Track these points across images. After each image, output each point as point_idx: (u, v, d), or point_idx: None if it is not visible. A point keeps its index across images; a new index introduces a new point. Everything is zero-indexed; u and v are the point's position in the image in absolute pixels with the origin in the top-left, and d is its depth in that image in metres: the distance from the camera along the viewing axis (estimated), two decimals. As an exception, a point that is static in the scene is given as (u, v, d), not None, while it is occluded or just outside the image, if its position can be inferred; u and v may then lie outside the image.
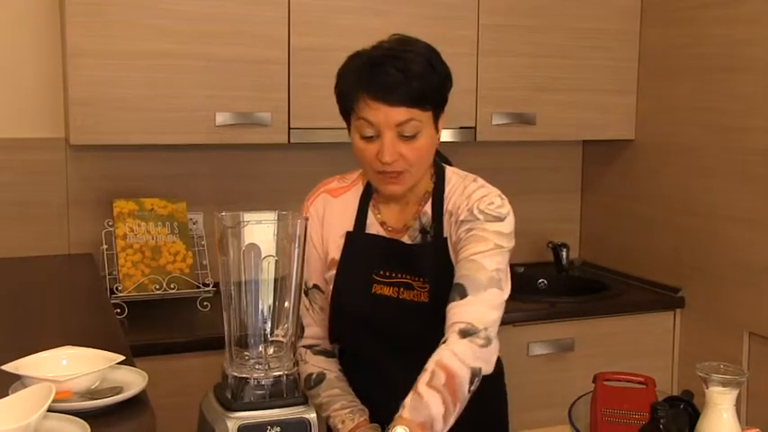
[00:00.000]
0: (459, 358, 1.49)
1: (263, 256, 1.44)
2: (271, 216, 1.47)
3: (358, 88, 1.62)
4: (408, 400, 1.44)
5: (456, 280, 1.62)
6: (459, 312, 1.55)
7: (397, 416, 1.42)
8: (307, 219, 1.54)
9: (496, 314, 1.58)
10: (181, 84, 2.50)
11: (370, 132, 1.63)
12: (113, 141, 2.51)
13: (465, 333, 1.52)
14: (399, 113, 1.60)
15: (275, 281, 1.46)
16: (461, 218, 1.68)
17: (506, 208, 1.69)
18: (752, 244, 2.63)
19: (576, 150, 3.44)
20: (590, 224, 3.43)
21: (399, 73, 1.59)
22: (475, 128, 2.84)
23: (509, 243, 1.66)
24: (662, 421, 1.50)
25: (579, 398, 1.80)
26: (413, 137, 1.63)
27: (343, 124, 2.80)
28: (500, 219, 1.66)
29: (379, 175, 1.67)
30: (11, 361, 1.41)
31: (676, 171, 2.93)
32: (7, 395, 1.31)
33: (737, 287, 2.69)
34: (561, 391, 2.08)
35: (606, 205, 3.32)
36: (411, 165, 1.65)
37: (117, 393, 1.39)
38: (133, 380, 1.46)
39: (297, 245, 1.46)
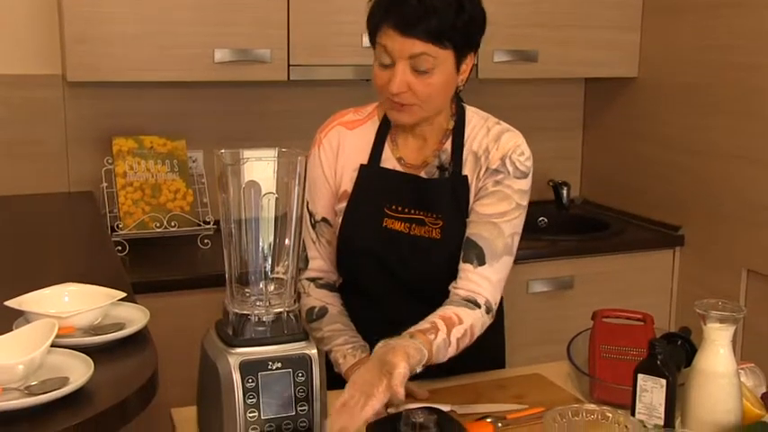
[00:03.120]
0: (478, 328, 1.67)
1: (263, 193, 1.44)
2: (271, 153, 1.46)
3: (381, 15, 1.63)
4: (440, 339, 1.57)
5: (473, 237, 1.69)
6: (476, 282, 1.68)
7: (421, 337, 1.54)
8: (307, 156, 1.54)
9: (503, 285, 1.74)
10: (179, 20, 2.47)
11: (386, 60, 1.63)
12: (111, 78, 2.49)
13: (488, 310, 1.69)
14: (414, 46, 1.59)
15: (275, 218, 1.46)
16: (494, 166, 1.71)
17: (531, 160, 1.73)
18: (753, 182, 2.63)
19: (579, 88, 3.41)
20: (591, 162, 3.42)
21: (420, 6, 1.58)
22: (476, 65, 2.81)
23: (527, 201, 1.74)
24: (659, 357, 1.51)
25: (578, 335, 1.81)
26: (426, 72, 1.62)
27: (344, 61, 2.78)
28: (525, 175, 1.72)
29: (389, 101, 1.67)
30: (13, 297, 1.42)
31: (679, 109, 2.91)
32: (11, 330, 1.33)
33: (737, 225, 2.70)
34: (560, 329, 2.10)
35: (608, 144, 3.30)
36: (421, 100, 1.64)
37: (119, 330, 1.41)
38: (135, 316, 1.47)
39: (297, 182, 1.45)
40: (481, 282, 1.69)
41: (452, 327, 1.61)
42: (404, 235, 1.74)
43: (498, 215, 1.70)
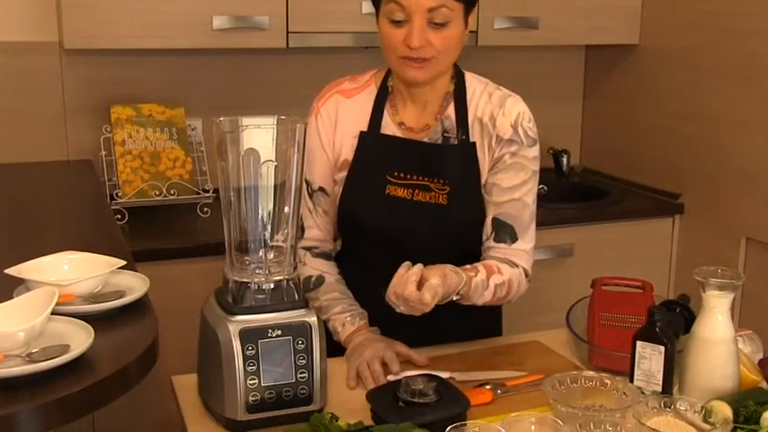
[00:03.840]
0: (516, 284, 1.73)
1: (262, 161, 1.43)
2: (270, 121, 1.46)
3: None
4: (480, 279, 1.64)
5: (501, 217, 1.74)
6: (514, 256, 1.74)
7: (462, 271, 1.61)
8: (306, 123, 1.53)
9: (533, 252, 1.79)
10: (176, -14, 2.45)
11: (400, 16, 1.62)
12: (108, 46, 2.47)
13: (526, 275, 1.76)
14: None
15: (275, 186, 1.46)
16: (506, 136, 1.72)
17: (535, 125, 1.75)
18: (754, 149, 2.62)
19: (579, 55, 3.39)
20: (591, 130, 3.41)
21: None
22: (476, 32, 2.80)
23: (539, 165, 1.77)
24: (658, 324, 1.52)
25: (577, 302, 1.82)
26: (443, 25, 1.62)
27: (343, 29, 2.76)
28: (536, 141, 1.75)
29: (402, 60, 1.65)
30: (13, 265, 1.42)
31: (680, 76, 2.89)
32: (11, 298, 1.33)
33: (737, 193, 2.70)
34: (560, 296, 2.10)
35: (608, 111, 3.29)
36: (438, 53, 1.64)
37: (119, 297, 1.41)
38: (135, 284, 1.48)
39: (296, 150, 1.45)
40: (517, 254, 1.75)
41: (492, 273, 1.68)
42: (406, 201, 1.73)
43: (518, 186, 1.73)
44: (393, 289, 1.52)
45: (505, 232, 1.74)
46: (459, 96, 1.75)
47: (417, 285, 1.51)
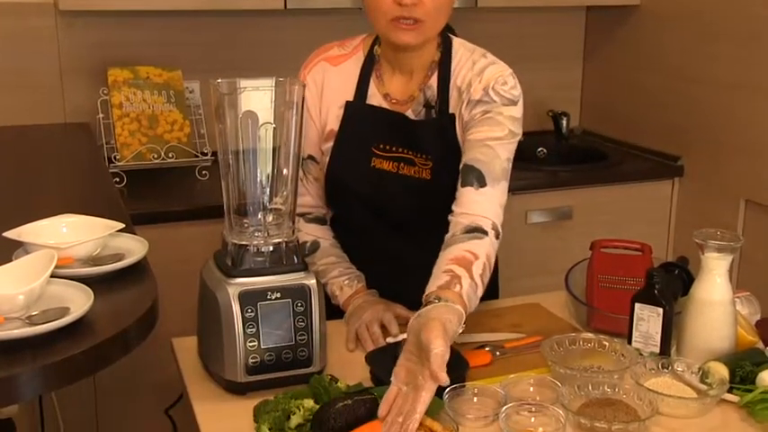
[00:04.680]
0: (493, 255, 1.56)
1: (260, 123, 1.43)
2: (268, 83, 1.45)
3: None
4: (467, 285, 1.46)
5: (469, 161, 1.62)
6: (480, 204, 1.58)
7: (448, 294, 1.43)
8: (305, 85, 1.52)
9: (503, 212, 1.63)
10: (172, -54, 2.43)
11: None
12: (104, 7, 2.45)
13: (497, 234, 1.58)
14: None
15: (273, 149, 1.46)
16: (476, 97, 1.65)
17: (518, 89, 1.67)
18: (755, 111, 2.61)
19: (579, 17, 3.37)
20: (591, 92, 3.39)
21: None
22: (476, -7, 2.78)
23: (520, 130, 1.67)
24: (657, 286, 1.53)
25: (576, 264, 1.82)
26: None
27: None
28: (514, 102, 1.65)
29: (393, 22, 1.60)
30: (12, 228, 1.42)
31: (681, 37, 2.87)
32: (10, 261, 1.33)
33: (737, 155, 2.69)
34: (559, 259, 2.11)
35: (608, 73, 3.27)
36: (428, 14, 1.59)
37: (118, 260, 1.41)
38: (134, 247, 1.48)
39: (295, 112, 1.44)
40: (485, 203, 1.59)
41: (470, 266, 1.50)
42: (392, 174, 1.72)
43: (491, 138, 1.63)
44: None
45: (472, 176, 1.60)
46: (444, 65, 1.71)
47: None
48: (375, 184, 1.73)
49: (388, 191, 1.73)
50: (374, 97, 1.74)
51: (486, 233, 1.56)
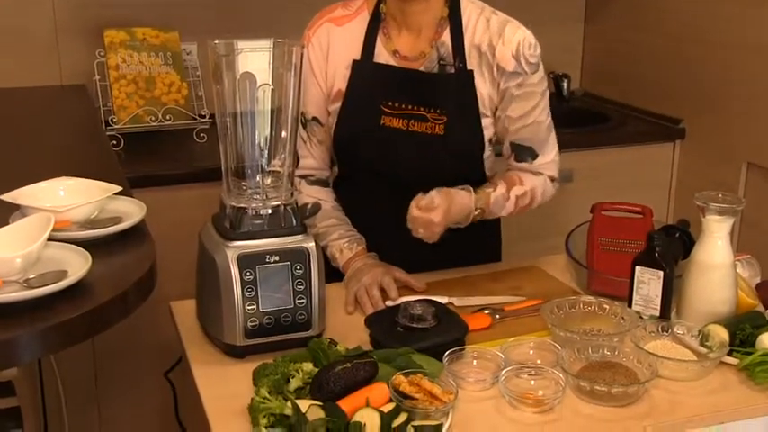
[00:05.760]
0: (540, 193, 1.79)
1: (258, 84, 1.42)
2: (266, 44, 1.44)
3: None
4: (499, 193, 1.70)
5: (518, 141, 1.75)
6: (540, 168, 1.79)
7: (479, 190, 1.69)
8: (303, 46, 1.51)
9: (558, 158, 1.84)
10: None
11: None
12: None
13: (552, 180, 1.82)
14: None
15: (271, 110, 1.45)
16: (509, 69, 1.68)
17: (537, 46, 1.71)
18: (757, 73, 2.59)
19: (581, -23, 3.33)
20: (592, 54, 3.37)
21: None
22: (476, -48, 2.74)
23: (546, 82, 1.76)
24: (658, 249, 1.52)
25: (576, 227, 1.82)
26: None
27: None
28: (539, 64, 1.71)
29: None
30: (9, 191, 1.41)
31: (684, -2, 2.85)
32: (7, 224, 1.33)
33: (739, 117, 2.68)
34: (559, 222, 2.11)
35: (609, 34, 3.25)
36: None
37: (116, 224, 1.41)
38: (132, 210, 1.47)
39: (293, 73, 1.43)
40: (541, 167, 1.79)
41: (513, 185, 1.73)
42: (402, 132, 1.72)
43: (529, 113, 1.72)
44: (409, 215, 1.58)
45: (526, 153, 1.77)
46: (455, 21, 1.70)
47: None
48: (384, 143, 1.72)
49: (399, 149, 1.72)
50: (381, 55, 1.73)
51: (541, 174, 1.79)
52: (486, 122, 1.72)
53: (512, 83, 1.69)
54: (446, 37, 1.71)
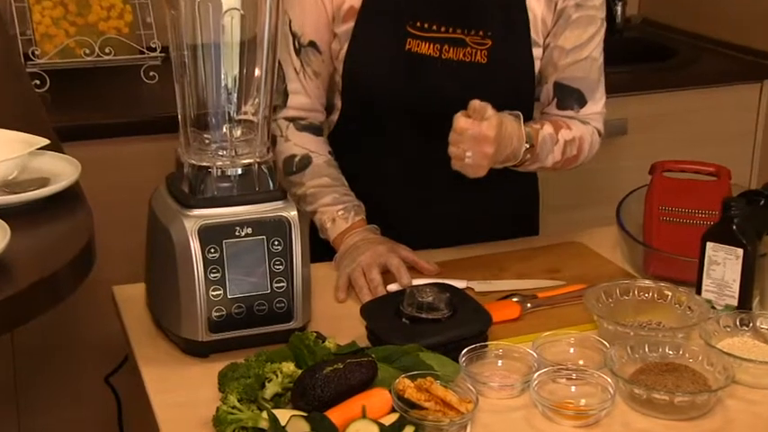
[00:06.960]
0: (588, 143, 1.83)
1: (224, 9, 1.42)
2: (234, -47, 1.44)
3: None
4: (546, 133, 1.73)
5: (566, 81, 1.80)
6: (582, 122, 1.82)
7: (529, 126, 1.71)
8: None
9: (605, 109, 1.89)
10: None
11: None
12: None
13: (599, 133, 1.86)
14: None
15: (241, 42, 1.45)
16: None
17: None
18: None
19: None
20: (655, -31, 3.37)
21: None
22: None
23: (605, 6, 1.82)
24: (736, 220, 1.53)
25: (631, 193, 1.83)
26: None
27: None
28: None
29: None
30: None
31: None
32: None
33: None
34: (608, 186, 2.12)
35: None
36: None
37: (42, 186, 1.41)
38: (62, 169, 1.48)
39: (270, -7, 1.44)
40: (587, 119, 1.83)
41: (560, 128, 1.77)
42: (433, 59, 1.72)
43: (585, 44, 1.77)
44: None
45: (572, 98, 1.81)
46: None
47: None
48: (409, 73, 1.73)
49: (428, 81, 1.73)
50: None
51: (589, 123, 1.83)
52: (537, 53, 1.75)
53: (571, 1, 1.72)
54: None
